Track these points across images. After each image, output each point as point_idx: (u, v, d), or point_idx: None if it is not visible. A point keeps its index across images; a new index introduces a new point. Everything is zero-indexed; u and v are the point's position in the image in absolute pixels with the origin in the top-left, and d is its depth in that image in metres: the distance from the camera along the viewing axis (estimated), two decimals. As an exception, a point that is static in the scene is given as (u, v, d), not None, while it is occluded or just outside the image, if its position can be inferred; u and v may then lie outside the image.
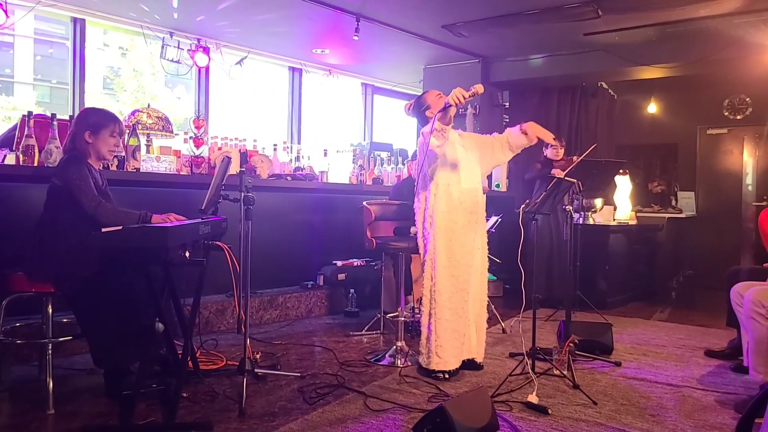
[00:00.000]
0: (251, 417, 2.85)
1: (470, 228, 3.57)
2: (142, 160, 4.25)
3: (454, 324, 3.51)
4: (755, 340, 3.00)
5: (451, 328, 3.51)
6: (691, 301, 6.79)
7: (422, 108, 3.73)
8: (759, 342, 2.98)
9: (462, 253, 3.53)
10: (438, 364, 3.49)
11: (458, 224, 3.53)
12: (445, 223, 3.51)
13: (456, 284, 3.51)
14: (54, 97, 16.28)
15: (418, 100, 3.79)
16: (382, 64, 7.52)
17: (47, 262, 2.91)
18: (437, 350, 3.50)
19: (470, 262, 3.57)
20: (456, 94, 3.27)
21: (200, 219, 3.10)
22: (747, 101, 7.86)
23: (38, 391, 3.05)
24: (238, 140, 5.05)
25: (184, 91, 14.83)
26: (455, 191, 3.53)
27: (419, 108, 3.76)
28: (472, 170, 3.64)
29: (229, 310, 4.68)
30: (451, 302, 3.50)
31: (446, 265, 3.51)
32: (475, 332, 3.67)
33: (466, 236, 3.55)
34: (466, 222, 3.56)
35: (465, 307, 3.55)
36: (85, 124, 3.10)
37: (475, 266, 3.61)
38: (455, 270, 3.51)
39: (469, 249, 3.56)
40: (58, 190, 2.98)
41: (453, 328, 3.51)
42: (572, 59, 6.64)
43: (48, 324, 3.01)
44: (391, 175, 6.25)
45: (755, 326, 2.97)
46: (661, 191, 8.53)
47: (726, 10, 5.18)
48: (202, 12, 5.40)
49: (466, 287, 3.55)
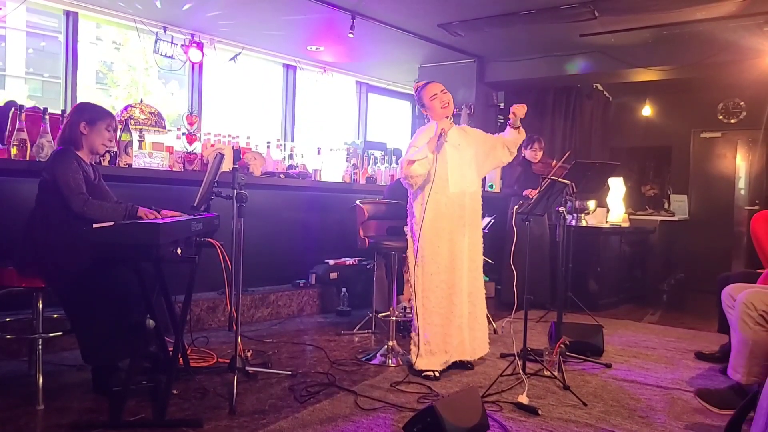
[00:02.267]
0: (241, 414, 2.84)
1: (458, 232, 3.57)
2: (135, 155, 4.22)
3: (444, 328, 3.54)
4: (740, 342, 3.01)
5: (441, 332, 3.54)
6: (682, 304, 6.82)
7: (419, 103, 3.76)
8: (743, 344, 2.99)
9: (450, 258, 3.55)
10: (427, 365, 3.51)
11: (445, 230, 3.54)
12: (432, 231, 3.53)
13: (445, 289, 3.54)
14: (46, 91, 16.19)
15: (419, 92, 3.75)
16: (376, 63, 7.51)
17: (38, 257, 2.90)
18: (426, 354, 3.53)
19: (459, 266, 3.58)
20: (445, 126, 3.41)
21: (192, 216, 3.09)
22: (741, 105, 7.89)
23: (28, 386, 3.03)
24: (232, 137, 5.03)
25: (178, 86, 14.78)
26: (442, 198, 3.53)
27: (418, 101, 3.78)
28: (462, 172, 3.62)
29: (221, 308, 4.66)
30: (440, 307, 3.54)
31: (434, 271, 3.53)
32: (469, 332, 3.66)
33: (454, 242, 3.56)
34: (454, 227, 3.56)
35: (454, 311, 3.56)
36: (83, 115, 3.10)
37: (464, 269, 3.61)
38: (444, 275, 3.54)
39: (457, 253, 3.57)
40: (49, 185, 2.96)
41: (443, 332, 3.54)
42: (568, 60, 6.65)
43: (38, 319, 2.98)
44: (385, 174, 6.24)
45: (743, 328, 2.98)
46: (654, 195, 8.55)
47: (722, 14, 5.19)
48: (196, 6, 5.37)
49: (455, 291, 3.56)
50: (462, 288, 3.59)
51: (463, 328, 3.62)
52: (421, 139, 3.55)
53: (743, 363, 2.98)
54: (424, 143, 3.47)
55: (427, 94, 3.68)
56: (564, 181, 3.54)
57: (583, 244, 5.93)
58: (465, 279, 3.61)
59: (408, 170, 3.45)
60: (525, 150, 5.84)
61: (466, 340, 3.65)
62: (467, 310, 3.65)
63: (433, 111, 3.65)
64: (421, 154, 3.41)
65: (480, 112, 7.20)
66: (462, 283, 3.59)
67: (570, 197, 3.73)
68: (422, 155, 3.41)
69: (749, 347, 2.95)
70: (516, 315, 3.87)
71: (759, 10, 5.07)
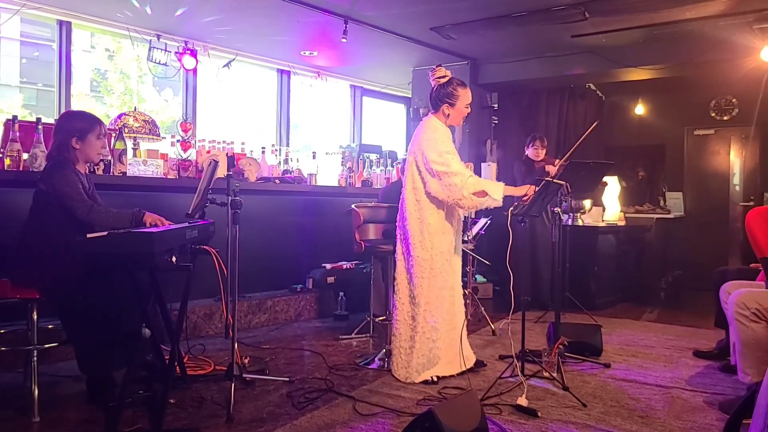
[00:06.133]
0: (239, 423, 2.83)
1: (458, 243, 3.58)
2: (129, 163, 4.22)
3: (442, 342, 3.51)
4: (741, 342, 3.02)
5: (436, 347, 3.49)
6: (679, 302, 6.82)
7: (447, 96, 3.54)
8: (745, 344, 3.00)
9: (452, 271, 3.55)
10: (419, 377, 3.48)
11: (452, 243, 3.52)
12: (445, 244, 3.48)
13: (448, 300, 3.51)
14: (40, 99, 16.16)
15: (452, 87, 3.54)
16: (370, 66, 7.52)
17: (32, 267, 2.89)
18: (417, 367, 3.47)
19: (458, 278, 3.59)
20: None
21: (187, 223, 3.08)
22: (733, 102, 7.91)
23: (23, 398, 3.02)
24: (226, 143, 5.02)
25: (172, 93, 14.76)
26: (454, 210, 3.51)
27: (446, 94, 3.54)
28: None
29: (217, 315, 4.65)
30: (444, 322, 3.50)
31: (442, 285, 3.49)
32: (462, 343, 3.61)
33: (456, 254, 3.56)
34: (456, 238, 3.56)
35: (456, 324, 3.55)
36: (70, 130, 3.08)
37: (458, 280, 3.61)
38: (447, 290, 3.51)
39: (456, 265, 3.58)
40: (45, 196, 2.95)
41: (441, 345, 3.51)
42: (560, 61, 6.66)
43: (33, 330, 2.97)
44: (380, 177, 6.24)
45: (740, 328, 2.99)
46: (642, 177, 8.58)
47: (712, 13, 5.21)
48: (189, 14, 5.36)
49: (455, 302, 3.57)
50: (460, 299, 3.61)
51: (459, 341, 3.58)
52: (445, 144, 3.44)
53: (750, 363, 2.99)
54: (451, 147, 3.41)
55: (464, 100, 3.56)
56: (559, 182, 3.54)
57: (580, 244, 5.93)
58: (457, 288, 3.62)
59: (474, 202, 3.34)
60: (527, 148, 5.84)
61: (466, 348, 3.65)
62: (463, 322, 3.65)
63: (457, 115, 3.55)
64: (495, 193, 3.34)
65: (474, 114, 7.18)
66: (458, 294, 3.61)
67: (565, 197, 3.71)
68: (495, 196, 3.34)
69: (751, 346, 2.96)
70: (514, 316, 3.87)
71: (747, 9, 5.09)
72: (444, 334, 3.52)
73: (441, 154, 3.37)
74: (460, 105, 3.54)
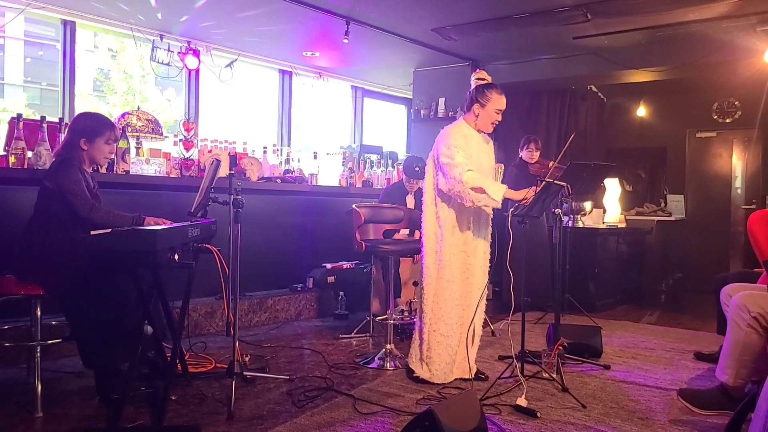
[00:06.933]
0: (240, 420, 2.84)
1: (475, 241, 3.52)
2: (132, 162, 4.24)
3: (449, 339, 3.45)
4: (731, 343, 3.01)
5: (445, 342, 3.45)
6: (680, 304, 6.82)
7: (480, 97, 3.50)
8: (734, 344, 2.99)
9: (465, 267, 3.49)
10: (425, 374, 3.47)
11: (464, 237, 3.48)
12: (454, 236, 3.44)
13: (456, 298, 3.45)
14: (44, 99, 16.18)
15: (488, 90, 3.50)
16: (372, 67, 7.53)
17: (36, 264, 2.90)
18: (427, 361, 3.47)
19: (472, 276, 3.51)
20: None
21: (189, 222, 3.09)
22: (736, 105, 7.91)
23: (26, 393, 3.03)
24: (228, 143, 5.04)
25: (174, 93, 14.79)
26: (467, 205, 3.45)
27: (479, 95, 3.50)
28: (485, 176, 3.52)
29: (218, 313, 4.67)
30: (448, 317, 3.44)
31: (450, 278, 3.44)
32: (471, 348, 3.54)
33: (469, 252, 3.51)
34: (472, 236, 3.51)
35: (463, 323, 3.48)
36: (81, 131, 3.10)
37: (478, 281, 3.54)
38: (457, 285, 3.46)
39: (472, 262, 3.52)
40: (50, 193, 2.97)
41: (447, 342, 3.45)
42: (562, 63, 6.67)
43: (36, 326, 2.98)
44: (381, 177, 6.26)
45: (735, 330, 2.98)
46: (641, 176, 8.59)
47: (715, 14, 5.22)
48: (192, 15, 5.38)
49: (467, 302, 3.49)
50: (473, 300, 3.50)
51: (468, 343, 3.52)
52: (456, 138, 3.41)
53: (732, 364, 2.98)
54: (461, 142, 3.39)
55: (496, 104, 3.49)
56: (560, 183, 3.54)
57: (580, 246, 5.93)
58: (476, 292, 3.52)
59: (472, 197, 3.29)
60: (521, 151, 5.82)
61: (473, 356, 3.56)
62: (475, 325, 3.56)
63: (486, 118, 3.50)
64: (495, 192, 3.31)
65: (476, 115, 7.22)
66: (473, 295, 3.51)
67: (566, 199, 3.72)
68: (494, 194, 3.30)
69: (739, 348, 2.96)
70: (514, 317, 3.88)
71: (751, 11, 5.09)
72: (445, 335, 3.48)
73: (449, 147, 3.37)
74: (491, 108, 3.49)
